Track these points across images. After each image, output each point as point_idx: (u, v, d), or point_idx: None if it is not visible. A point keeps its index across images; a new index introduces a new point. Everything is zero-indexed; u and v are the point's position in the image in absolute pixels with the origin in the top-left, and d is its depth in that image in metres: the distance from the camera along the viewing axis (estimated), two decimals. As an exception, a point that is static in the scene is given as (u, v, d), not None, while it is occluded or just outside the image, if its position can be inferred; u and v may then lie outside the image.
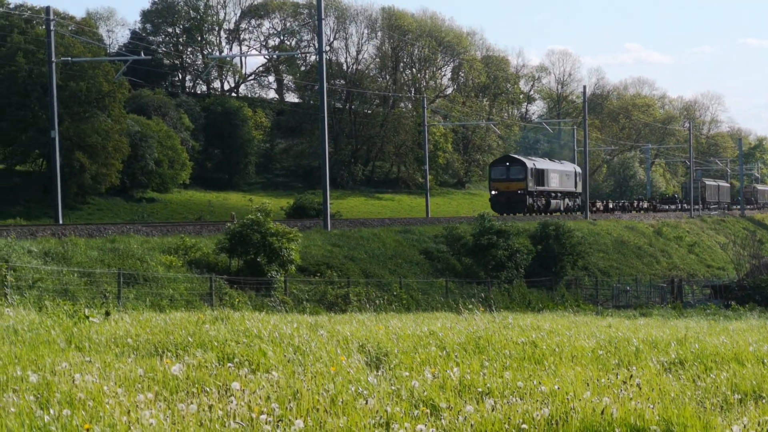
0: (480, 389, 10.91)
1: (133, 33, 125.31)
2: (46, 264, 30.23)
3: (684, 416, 9.53)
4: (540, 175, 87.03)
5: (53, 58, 52.56)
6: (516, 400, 10.20)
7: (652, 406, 9.77)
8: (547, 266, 60.46)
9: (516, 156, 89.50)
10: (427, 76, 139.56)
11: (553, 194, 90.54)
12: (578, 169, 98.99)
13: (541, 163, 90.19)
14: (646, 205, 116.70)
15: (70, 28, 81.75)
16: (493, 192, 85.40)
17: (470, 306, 37.45)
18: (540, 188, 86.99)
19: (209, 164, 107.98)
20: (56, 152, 51.81)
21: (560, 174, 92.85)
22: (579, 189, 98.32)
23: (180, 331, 15.35)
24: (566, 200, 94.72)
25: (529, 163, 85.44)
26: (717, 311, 45.87)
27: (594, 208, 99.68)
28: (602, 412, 9.45)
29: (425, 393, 10.47)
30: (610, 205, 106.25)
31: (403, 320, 21.71)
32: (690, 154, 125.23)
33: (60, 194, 51.61)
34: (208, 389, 10.30)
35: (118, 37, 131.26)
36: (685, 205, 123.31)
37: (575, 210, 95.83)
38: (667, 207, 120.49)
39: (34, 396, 9.55)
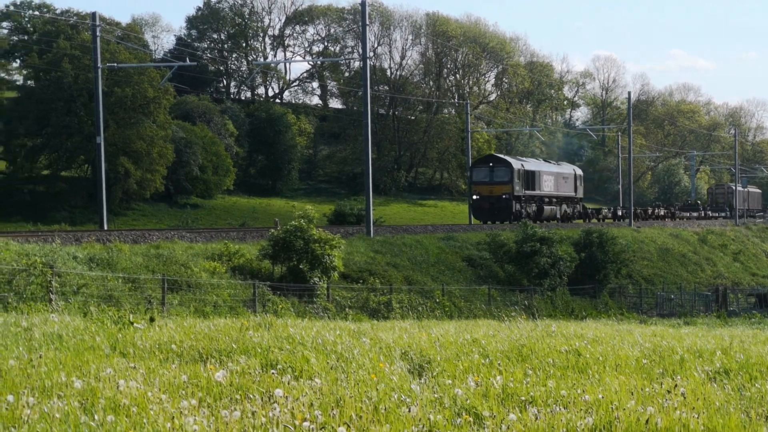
0: (523, 398, 10.88)
1: (179, 39, 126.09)
2: (91, 270, 30.41)
3: (729, 426, 9.47)
4: (530, 178, 77.12)
5: (99, 64, 52.90)
6: (559, 409, 10.16)
7: (696, 416, 9.71)
8: (591, 274, 60.15)
9: (500, 155, 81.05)
10: (470, 82, 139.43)
11: (546, 199, 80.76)
12: (579, 171, 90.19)
13: (532, 164, 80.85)
14: (662, 212, 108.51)
15: (116, 34, 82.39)
16: (474, 197, 76.20)
17: (513, 314, 37.39)
18: (530, 192, 77.26)
19: (253, 170, 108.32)
20: (101, 158, 52.11)
21: (555, 176, 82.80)
22: (580, 194, 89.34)
23: (224, 338, 15.40)
24: (564, 206, 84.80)
25: (516, 164, 75.98)
26: (762, 320, 45.48)
27: (600, 215, 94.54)
28: (646, 422, 9.40)
29: (468, 401, 10.45)
30: (619, 213, 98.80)
31: (446, 327, 21.67)
32: (735, 160, 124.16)
33: (105, 200, 51.90)
34: (251, 396, 10.32)
35: (163, 43, 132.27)
36: (708, 212, 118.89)
37: (574, 218, 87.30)
38: (687, 214, 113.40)
39: (79, 402, 9.61)
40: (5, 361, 11.92)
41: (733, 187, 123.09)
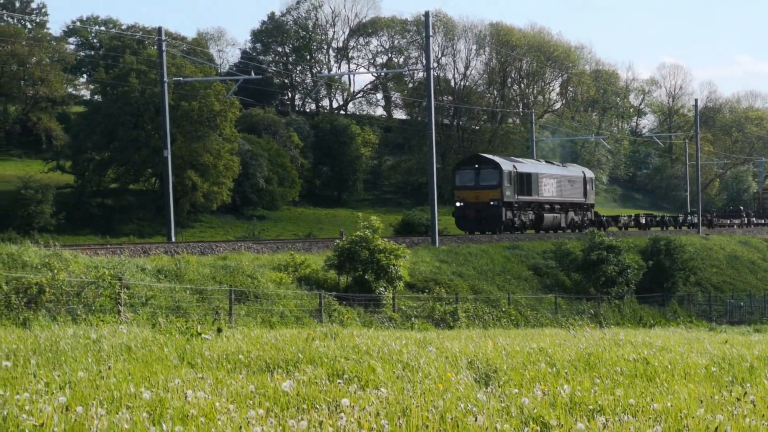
0: (591, 407, 10.80)
1: (244, 53, 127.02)
2: (159, 281, 30.69)
3: (800, 435, 9.35)
4: (525, 181, 67.16)
5: (165, 78, 53.42)
6: (628, 418, 10.08)
7: (766, 423, 9.59)
8: (659, 282, 59.73)
9: (488, 155, 70.70)
10: (535, 91, 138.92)
11: (547, 206, 70.80)
12: (589, 174, 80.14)
13: (528, 165, 70.59)
14: (695, 220, 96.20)
15: (181, 49, 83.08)
16: (457, 204, 66.24)
17: (580, 322, 37.16)
18: (525, 198, 67.12)
19: (318, 181, 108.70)
20: (169, 171, 52.58)
21: (558, 180, 72.62)
22: (590, 199, 78.69)
23: (290, 348, 15.46)
24: (570, 214, 74.51)
25: (506, 165, 65.91)
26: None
27: (620, 224, 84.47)
28: (716, 430, 9.30)
29: (535, 410, 10.39)
30: (642, 221, 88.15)
31: (512, 336, 21.60)
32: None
33: (172, 212, 52.36)
34: (318, 406, 10.35)
35: (228, 56, 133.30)
36: (753, 218, 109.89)
37: (584, 226, 74.77)
38: (728, 221, 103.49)
39: (148, 413, 9.68)
40: (75, 372, 12.04)
41: None
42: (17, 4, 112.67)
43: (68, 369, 12.50)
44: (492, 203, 63.93)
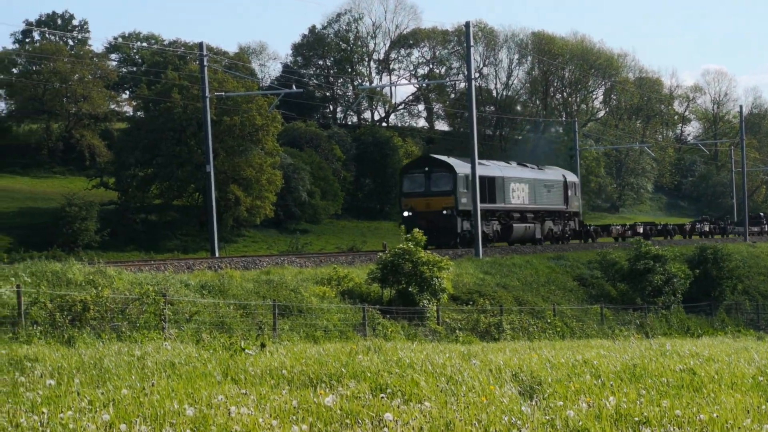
0: (636, 418, 10.71)
1: (285, 66, 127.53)
2: (202, 297, 30.75)
3: None
4: (487, 187, 58.28)
5: (207, 94, 53.63)
6: (674, 429, 9.99)
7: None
8: (706, 291, 59.36)
9: (440, 157, 60.36)
10: (578, 100, 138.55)
11: (516, 214, 62.18)
12: (572, 178, 72.02)
13: (491, 168, 61.35)
14: (707, 228, 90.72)
15: (223, 64, 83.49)
16: (405, 213, 56.78)
17: (626, 333, 36.91)
18: (487, 206, 57.98)
19: (360, 194, 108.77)
20: (212, 186, 52.76)
21: (531, 185, 63.83)
22: (573, 206, 70.80)
23: (333, 362, 15.44)
24: (547, 223, 66.16)
25: (462, 168, 56.72)
26: None
27: (611, 233, 78.11)
28: (764, 442, 9.18)
29: (580, 423, 10.32)
30: (639, 230, 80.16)
31: (557, 348, 21.48)
32: None
33: (216, 227, 52.53)
34: (361, 420, 10.31)
35: (270, 70, 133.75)
36: None
37: (566, 238, 69.03)
38: (741, 229, 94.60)
39: (191, 429, 9.69)
40: (118, 390, 12.08)
41: None
42: (59, 22, 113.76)
43: (112, 387, 12.54)
44: (445, 212, 55.55)
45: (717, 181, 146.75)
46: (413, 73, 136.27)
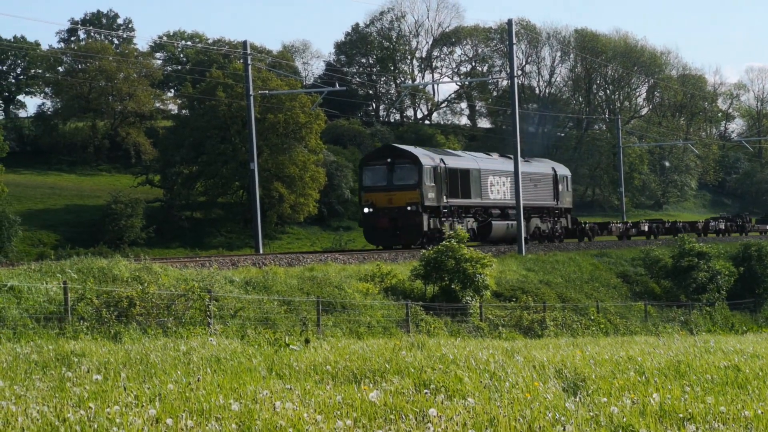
0: (681, 415, 10.69)
1: (328, 64, 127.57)
2: (247, 293, 30.92)
3: None
4: (457, 180, 52.76)
5: (251, 92, 53.85)
6: (718, 426, 9.96)
7: None
8: (750, 288, 59.06)
9: (404, 146, 54.23)
10: (621, 97, 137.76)
11: (496, 212, 56.15)
12: (562, 171, 66.16)
13: (464, 160, 56.04)
14: (722, 225, 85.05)
15: (267, 62, 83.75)
16: (365, 210, 51.52)
17: (670, 330, 36.76)
18: (459, 202, 52.61)
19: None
20: (255, 183, 52.95)
21: (512, 177, 55.90)
22: (564, 202, 64.71)
23: (377, 358, 15.49)
24: (534, 221, 60.22)
25: (429, 159, 51.48)
26: None
27: (610, 230, 71.64)
28: (809, 439, 9.16)
29: (624, 419, 10.31)
30: (644, 228, 76.64)
31: (601, 345, 21.44)
32: None
33: (260, 224, 52.69)
34: (405, 416, 10.35)
35: (313, 69, 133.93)
36: None
37: (557, 237, 62.97)
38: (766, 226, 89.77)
39: (237, 424, 9.76)
40: (164, 385, 12.18)
41: None
42: (104, 21, 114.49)
43: (158, 381, 12.65)
44: (409, 208, 49.41)
45: (761, 178, 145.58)
46: (455, 70, 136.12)
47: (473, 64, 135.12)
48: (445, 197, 50.92)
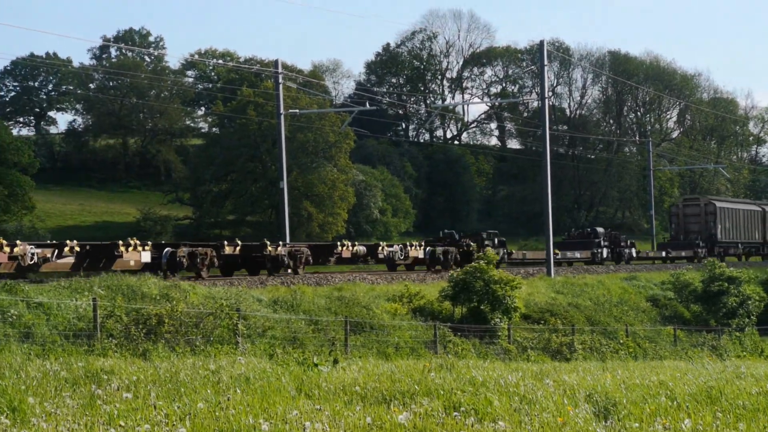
0: (713, 442, 10.61)
1: (358, 84, 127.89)
2: (275, 312, 30.91)
3: None
4: None
5: (281, 111, 53.97)
6: (751, 454, 9.88)
7: None
8: (780, 314, 58.65)
9: None
10: (652, 119, 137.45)
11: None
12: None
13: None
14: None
15: (297, 81, 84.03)
16: None
17: (699, 354, 36.51)
18: None
19: (432, 212, 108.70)
20: (285, 202, 53.04)
21: None
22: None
23: (406, 379, 15.44)
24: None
25: None
26: None
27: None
28: None
29: (656, 445, 10.23)
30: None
31: (630, 369, 21.31)
32: None
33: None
34: (435, 439, 10.31)
35: (343, 88, 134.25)
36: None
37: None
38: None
39: (267, 444, 9.74)
40: (194, 403, 12.17)
41: None
42: (136, 38, 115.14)
43: (188, 400, 12.64)
44: None
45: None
46: (486, 91, 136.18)
47: (504, 84, 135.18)
48: None
